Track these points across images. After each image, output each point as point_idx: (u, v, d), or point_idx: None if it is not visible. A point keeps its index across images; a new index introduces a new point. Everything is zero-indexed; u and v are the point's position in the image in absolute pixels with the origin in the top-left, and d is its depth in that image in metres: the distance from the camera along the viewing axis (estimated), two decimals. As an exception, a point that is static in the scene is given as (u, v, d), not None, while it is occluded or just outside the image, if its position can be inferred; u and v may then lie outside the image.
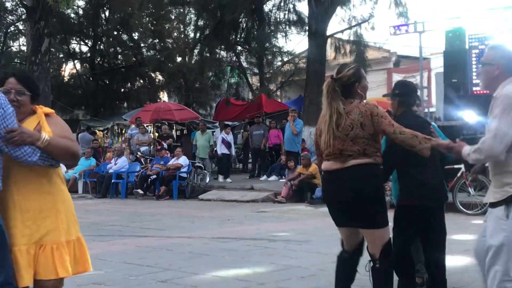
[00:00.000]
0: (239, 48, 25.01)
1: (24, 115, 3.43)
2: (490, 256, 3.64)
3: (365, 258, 4.53)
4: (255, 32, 22.20)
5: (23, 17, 25.94)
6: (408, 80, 6.05)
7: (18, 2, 25.80)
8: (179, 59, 31.06)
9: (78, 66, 32.31)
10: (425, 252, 5.23)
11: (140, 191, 16.44)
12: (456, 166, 11.35)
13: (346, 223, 4.40)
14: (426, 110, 15.59)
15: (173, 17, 31.18)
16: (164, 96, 33.74)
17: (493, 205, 3.70)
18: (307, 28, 20.39)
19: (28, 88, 3.45)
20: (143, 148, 18.93)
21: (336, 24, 44.27)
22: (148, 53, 30.74)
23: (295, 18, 22.73)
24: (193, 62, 28.34)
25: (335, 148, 4.22)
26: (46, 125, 3.37)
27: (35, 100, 3.49)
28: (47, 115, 3.45)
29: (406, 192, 4.97)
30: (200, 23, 24.57)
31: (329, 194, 4.41)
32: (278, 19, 22.86)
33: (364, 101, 4.34)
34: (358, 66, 4.48)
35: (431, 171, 4.96)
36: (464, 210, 11.03)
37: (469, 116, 12.41)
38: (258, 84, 26.98)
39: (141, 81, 31.86)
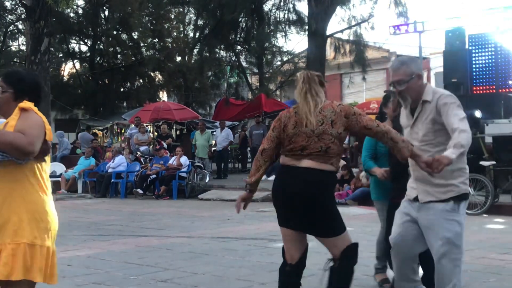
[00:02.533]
0: (239, 47, 24.99)
1: (6, 114, 3.37)
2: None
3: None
4: (255, 32, 22.20)
5: (23, 16, 25.92)
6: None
7: (18, 2, 25.77)
8: (178, 58, 31.06)
9: (77, 65, 32.29)
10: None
11: (140, 191, 16.44)
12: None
13: (291, 224, 4.15)
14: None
15: (172, 17, 31.20)
16: (163, 96, 33.74)
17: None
18: (306, 27, 20.40)
19: (9, 85, 3.37)
20: (142, 148, 18.92)
21: (336, 23, 44.22)
22: (148, 53, 30.72)
23: (294, 17, 22.74)
24: (192, 61, 28.34)
25: (298, 144, 4.05)
26: (13, 119, 3.27)
27: (19, 97, 3.37)
28: (24, 109, 3.29)
29: (402, 190, 5.06)
30: (200, 22, 24.57)
31: (278, 188, 4.16)
32: (278, 19, 22.87)
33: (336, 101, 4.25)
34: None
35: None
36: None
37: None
38: (258, 84, 26.97)
39: (141, 80, 31.83)
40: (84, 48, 31.94)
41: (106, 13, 30.77)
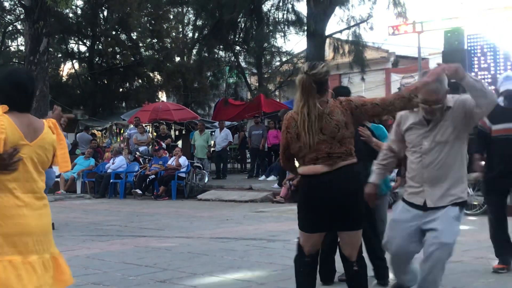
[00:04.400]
0: (238, 48, 24.98)
1: None
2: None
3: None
4: (254, 32, 22.17)
5: (22, 16, 25.92)
6: (344, 86, 6.10)
7: (17, 2, 25.76)
8: (177, 59, 31.04)
9: (76, 66, 32.30)
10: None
11: (139, 191, 16.43)
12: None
13: (325, 228, 4.21)
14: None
15: (171, 17, 31.17)
16: (162, 96, 33.73)
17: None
18: (305, 28, 20.38)
19: None
20: (141, 148, 18.91)
21: (335, 24, 44.17)
22: (147, 53, 30.71)
23: (293, 18, 22.71)
24: (191, 62, 28.32)
25: (322, 152, 4.03)
26: None
27: None
28: None
29: None
30: (199, 23, 24.55)
31: (313, 200, 4.10)
32: (277, 19, 22.84)
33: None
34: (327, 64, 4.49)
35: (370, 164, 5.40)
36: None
37: None
38: (257, 84, 26.96)
39: (140, 81, 31.84)
40: (83, 48, 31.99)
41: (105, 13, 30.77)
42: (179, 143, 22.15)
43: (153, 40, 30.52)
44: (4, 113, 3.16)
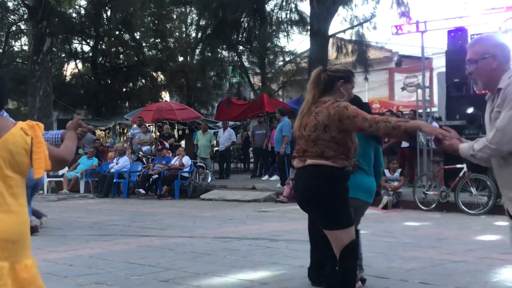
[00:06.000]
0: (241, 47, 24.98)
1: None
2: None
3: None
4: (257, 32, 22.16)
5: (25, 16, 25.98)
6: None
7: (20, 2, 25.80)
8: (180, 58, 31.07)
9: (79, 65, 32.31)
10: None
11: (142, 191, 16.44)
12: (458, 166, 11.42)
13: (310, 217, 4.57)
14: (428, 110, 15.55)
15: (174, 17, 31.22)
16: (165, 96, 33.76)
17: None
18: (309, 27, 20.38)
19: None
20: (145, 148, 18.92)
21: (338, 23, 44.14)
22: (150, 53, 30.74)
23: (297, 17, 22.69)
24: (194, 61, 28.35)
25: (300, 147, 4.27)
26: None
27: None
28: None
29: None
30: (202, 22, 24.56)
31: (295, 189, 4.53)
32: (280, 19, 22.82)
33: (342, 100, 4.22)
34: (351, 71, 4.56)
35: None
36: (466, 209, 11.01)
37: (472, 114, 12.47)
38: (260, 84, 26.99)
39: (143, 80, 31.85)
40: (86, 48, 32.01)
41: (108, 13, 30.78)
42: (182, 142, 22.15)
43: (156, 40, 30.55)
44: None
